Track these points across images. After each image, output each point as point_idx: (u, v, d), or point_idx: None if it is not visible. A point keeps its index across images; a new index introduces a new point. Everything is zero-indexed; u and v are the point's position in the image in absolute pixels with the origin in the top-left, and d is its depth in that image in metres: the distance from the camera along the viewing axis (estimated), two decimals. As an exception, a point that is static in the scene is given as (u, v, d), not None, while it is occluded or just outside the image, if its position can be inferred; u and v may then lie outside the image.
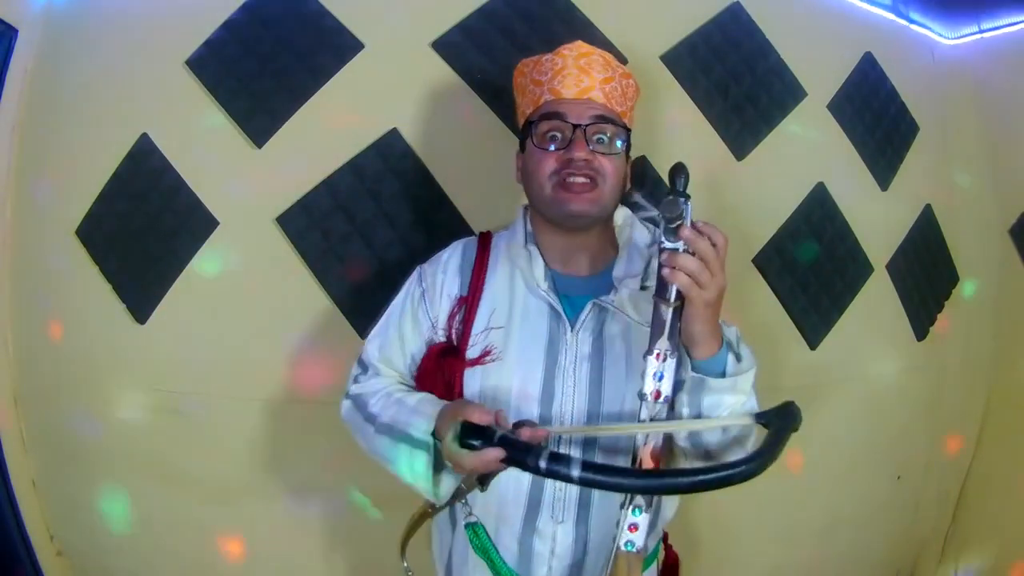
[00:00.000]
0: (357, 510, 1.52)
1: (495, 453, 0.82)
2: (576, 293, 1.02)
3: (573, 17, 1.51)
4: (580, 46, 1.04)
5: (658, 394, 0.85)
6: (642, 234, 1.07)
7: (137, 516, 1.53)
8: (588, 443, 0.99)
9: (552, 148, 0.98)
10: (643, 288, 0.99)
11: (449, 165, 1.46)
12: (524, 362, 0.99)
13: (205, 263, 1.43)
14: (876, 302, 1.77)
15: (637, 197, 0.97)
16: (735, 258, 1.60)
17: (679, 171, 0.85)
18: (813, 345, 1.68)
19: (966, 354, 1.95)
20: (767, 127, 1.65)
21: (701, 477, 0.79)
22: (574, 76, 1.01)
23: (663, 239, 0.83)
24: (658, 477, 0.86)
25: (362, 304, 1.44)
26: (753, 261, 1.62)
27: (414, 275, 1.11)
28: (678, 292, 0.82)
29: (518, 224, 1.09)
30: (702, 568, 1.59)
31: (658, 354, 0.84)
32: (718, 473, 0.78)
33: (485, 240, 1.10)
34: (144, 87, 1.47)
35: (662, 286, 0.83)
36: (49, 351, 1.52)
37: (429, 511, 1.08)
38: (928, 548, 2.01)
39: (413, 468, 0.96)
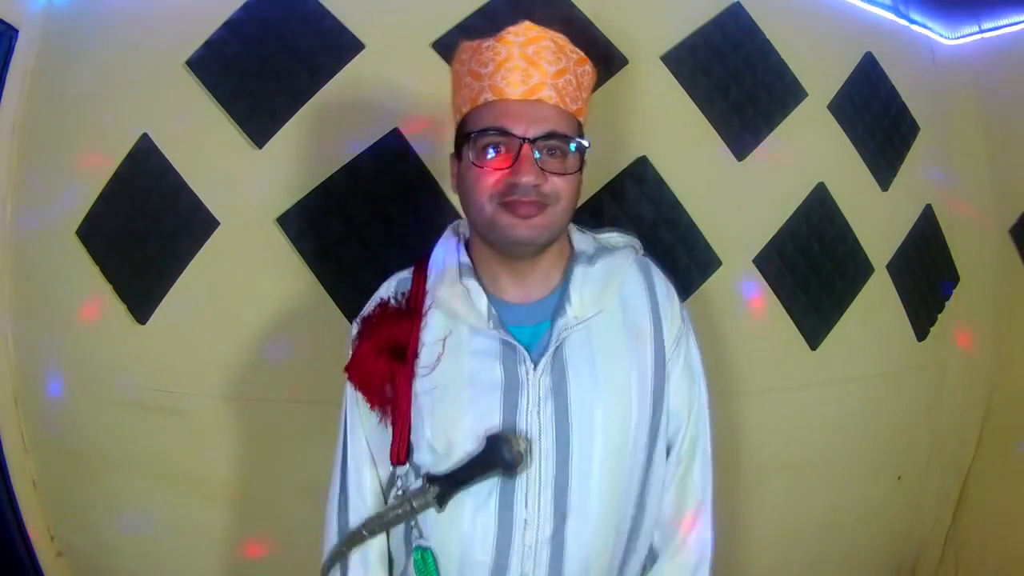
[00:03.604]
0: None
1: None
2: (528, 321, 0.88)
3: (573, 17, 1.51)
4: (528, 29, 0.86)
5: None
6: (583, 240, 0.95)
7: (137, 516, 1.53)
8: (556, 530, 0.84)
9: (493, 161, 0.82)
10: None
11: (449, 165, 1.46)
12: (477, 411, 0.84)
13: (205, 263, 1.43)
14: (876, 302, 1.77)
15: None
16: (735, 258, 1.63)
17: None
18: (813, 345, 1.68)
19: (966, 354, 1.95)
20: (767, 127, 1.65)
21: None
22: (520, 71, 0.83)
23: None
24: None
25: (362, 304, 1.43)
26: (753, 261, 1.62)
27: (352, 327, 0.96)
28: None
29: (448, 250, 0.93)
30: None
31: None
32: None
33: (420, 271, 0.94)
34: (144, 87, 1.47)
35: None
36: (49, 352, 1.53)
37: (365, 534, 0.91)
38: (928, 548, 2.01)
39: None
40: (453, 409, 0.85)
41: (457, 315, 0.88)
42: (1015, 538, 1.82)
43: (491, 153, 0.82)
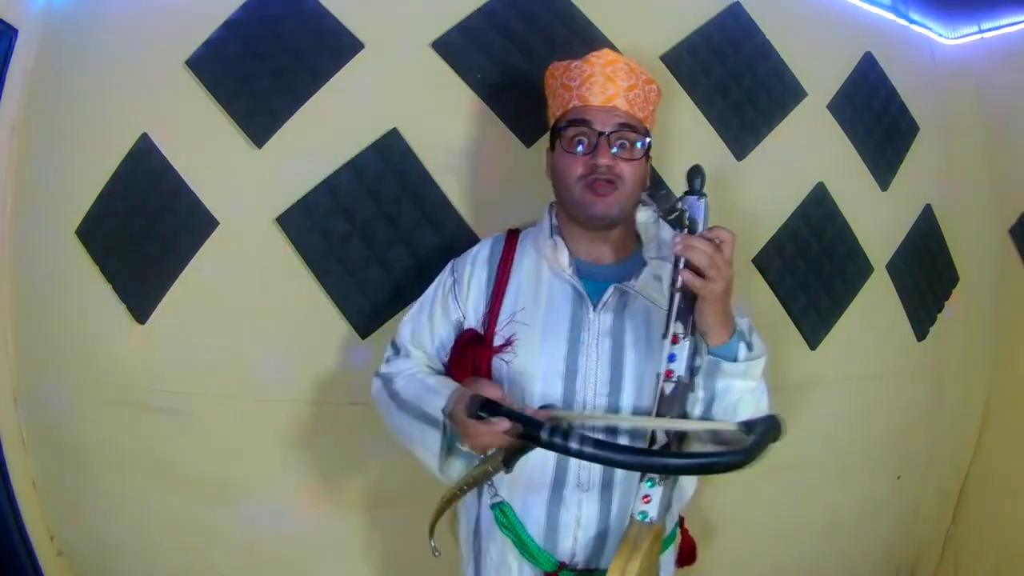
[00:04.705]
0: (356, 510, 1.52)
1: (503, 425, 0.91)
2: (599, 279, 1.10)
3: (573, 17, 1.51)
4: (607, 54, 1.10)
5: (670, 373, 0.92)
6: (668, 231, 1.13)
7: (137, 516, 1.53)
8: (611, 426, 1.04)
9: (579, 151, 1.06)
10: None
11: (449, 165, 1.46)
12: (549, 340, 1.06)
13: (205, 263, 1.43)
14: (876, 302, 1.77)
15: (643, 196, 1.05)
16: (735, 258, 1.62)
17: (695, 172, 0.95)
18: (813, 345, 1.68)
19: (966, 354, 1.95)
20: (767, 127, 1.65)
21: (688, 461, 0.92)
22: (600, 84, 1.07)
23: (678, 232, 0.92)
24: (648, 455, 0.92)
25: (362, 305, 1.44)
26: (753, 261, 1.62)
27: (447, 267, 1.20)
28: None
29: (544, 219, 1.17)
30: (705, 562, 1.59)
31: (674, 337, 0.92)
32: (701, 460, 0.90)
33: (513, 235, 1.20)
34: (144, 87, 1.47)
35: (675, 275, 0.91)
36: (49, 352, 1.53)
37: (458, 493, 1.10)
38: (928, 548, 2.01)
39: (426, 444, 1.05)
40: (531, 341, 1.07)
41: (544, 254, 1.12)
42: (1015, 538, 1.82)
43: (579, 147, 1.06)
